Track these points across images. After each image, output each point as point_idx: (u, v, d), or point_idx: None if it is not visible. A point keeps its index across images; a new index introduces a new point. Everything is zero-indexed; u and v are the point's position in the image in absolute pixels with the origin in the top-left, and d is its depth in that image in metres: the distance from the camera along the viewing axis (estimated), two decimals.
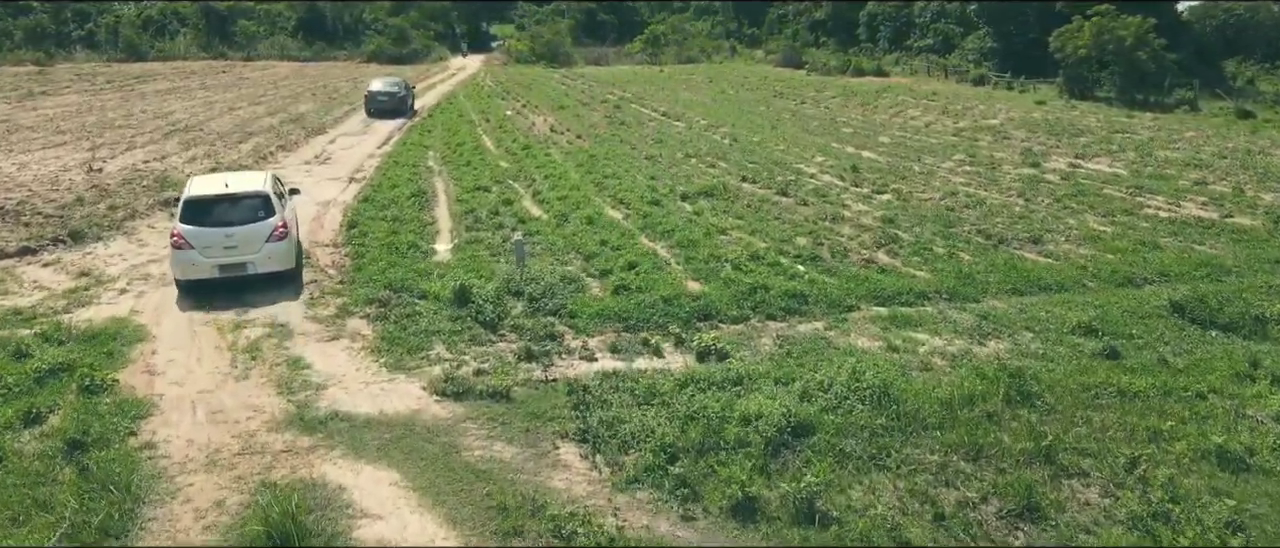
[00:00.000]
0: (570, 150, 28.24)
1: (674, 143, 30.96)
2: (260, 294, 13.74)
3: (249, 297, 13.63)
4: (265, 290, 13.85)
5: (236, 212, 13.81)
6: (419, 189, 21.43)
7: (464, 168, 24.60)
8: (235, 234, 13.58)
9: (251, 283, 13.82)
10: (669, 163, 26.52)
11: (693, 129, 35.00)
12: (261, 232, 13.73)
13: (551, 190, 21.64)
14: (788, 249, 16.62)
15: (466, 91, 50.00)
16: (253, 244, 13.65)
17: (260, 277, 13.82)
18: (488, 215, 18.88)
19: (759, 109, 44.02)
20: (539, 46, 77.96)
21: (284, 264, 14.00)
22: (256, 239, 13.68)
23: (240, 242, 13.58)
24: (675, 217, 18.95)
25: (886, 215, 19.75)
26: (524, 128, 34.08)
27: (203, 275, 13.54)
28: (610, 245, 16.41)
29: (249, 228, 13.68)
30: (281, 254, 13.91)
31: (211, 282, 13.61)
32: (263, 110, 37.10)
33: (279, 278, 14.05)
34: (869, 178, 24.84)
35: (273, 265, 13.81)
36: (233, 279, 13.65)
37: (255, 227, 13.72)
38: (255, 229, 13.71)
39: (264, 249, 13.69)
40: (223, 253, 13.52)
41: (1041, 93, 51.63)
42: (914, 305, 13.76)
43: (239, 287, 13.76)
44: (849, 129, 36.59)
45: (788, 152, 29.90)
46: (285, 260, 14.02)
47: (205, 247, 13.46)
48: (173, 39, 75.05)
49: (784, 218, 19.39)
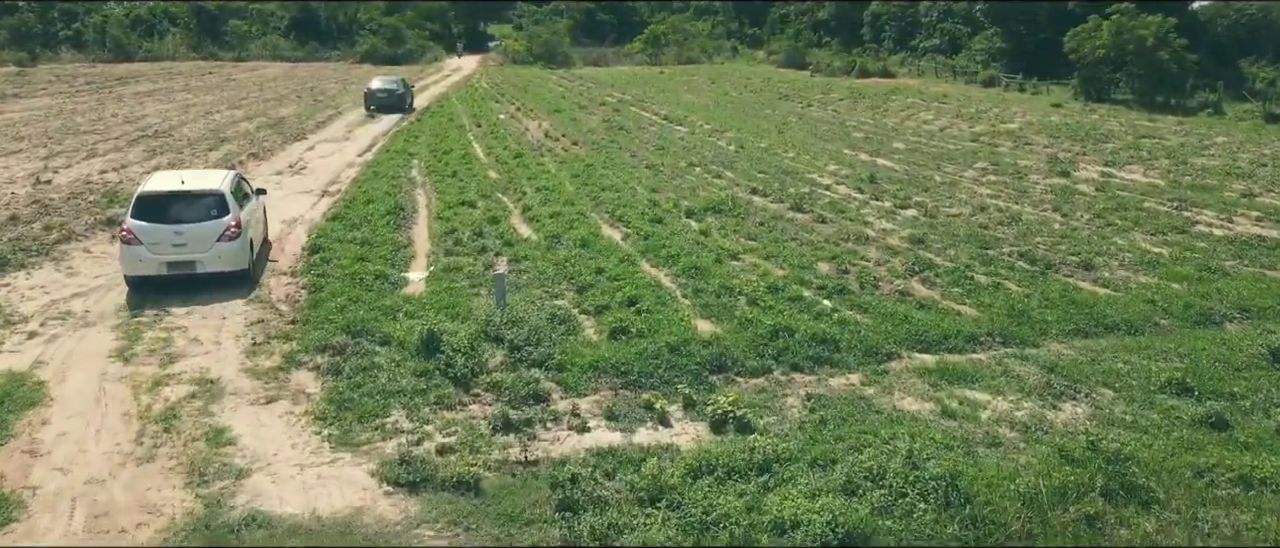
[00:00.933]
0: (565, 158, 26.08)
1: (676, 150, 28.81)
2: (193, 345, 11.59)
3: (179, 346, 11.47)
4: (196, 344, 11.70)
5: (189, 209, 13.54)
6: (396, 205, 19.25)
7: (449, 179, 22.43)
8: (185, 232, 13.30)
9: (201, 282, 13.45)
10: (672, 173, 24.36)
11: (696, 134, 32.85)
12: (212, 230, 13.42)
13: (543, 206, 19.48)
14: (809, 278, 14.46)
15: (460, 94, 47.81)
16: (202, 243, 13.37)
17: (209, 276, 13.48)
18: (470, 237, 16.70)
19: (764, 112, 41.86)
20: (536, 47, 75.78)
21: (234, 264, 13.66)
22: (207, 238, 13.39)
23: (190, 239, 13.32)
24: (680, 238, 16.79)
25: (915, 235, 17.60)
26: (517, 133, 31.91)
27: (149, 272, 13.30)
28: (607, 274, 14.25)
29: (199, 226, 13.38)
30: (232, 254, 13.57)
31: (159, 279, 13.35)
32: (241, 114, 34.89)
33: (230, 279, 13.64)
34: (889, 189, 22.70)
35: (222, 265, 13.51)
36: (181, 277, 13.38)
37: (206, 225, 13.41)
38: (206, 227, 13.40)
39: (214, 248, 13.41)
40: (171, 250, 13.27)
41: (1055, 94, 49.47)
42: (964, 352, 11.61)
43: (189, 288, 13.40)
44: (860, 134, 34.45)
45: (798, 159, 27.75)
46: (236, 260, 13.68)
47: (153, 243, 13.20)
48: (161, 39, 72.84)
49: (801, 238, 17.24)
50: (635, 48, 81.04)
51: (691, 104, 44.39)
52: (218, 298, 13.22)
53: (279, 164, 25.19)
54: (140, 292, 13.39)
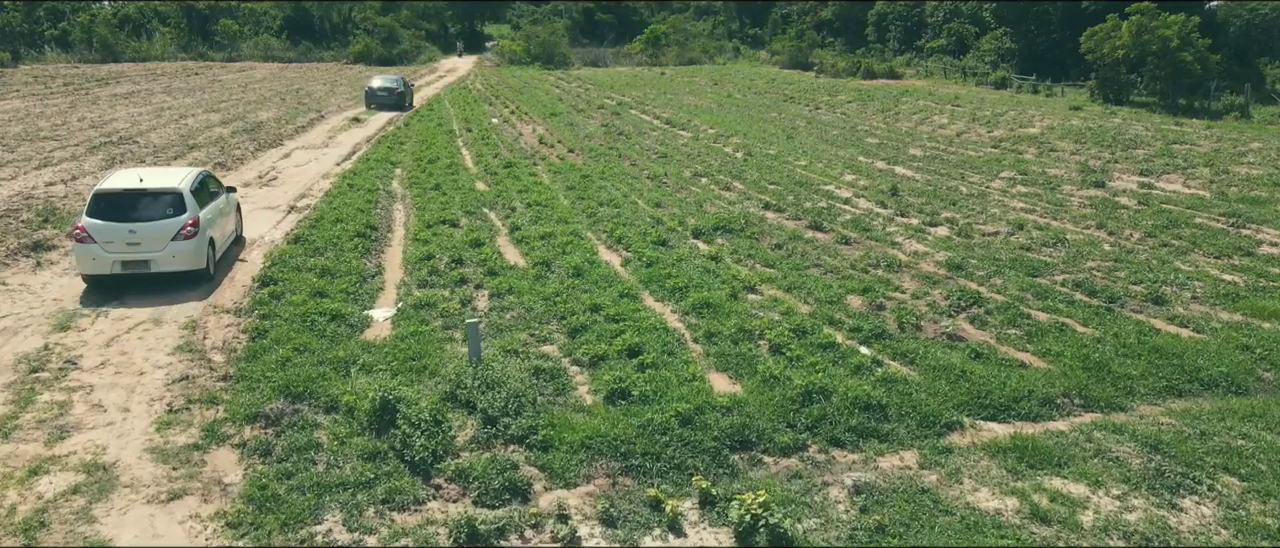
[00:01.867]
0: (560, 168, 23.90)
1: (680, 157, 26.64)
2: (94, 413, 9.40)
3: (76, 413, 9.27)
4: (97, 417, 9.51)
5: (145, 208, 13.28)
6: (369, 224, 17.05)
7: (432, 193, 20.24)
8: (139, 230, 13.04)
9: (157, 281, 13.22)
10: (676, 184, 22.18)
11: (700, 140, 30.67)
12: (167, 229, 13.14)
13: (534, 225, 17.31)
14: (839, 316, 12.30)
15: (452, 96, 45.58)
16: (157, 241, 13.09)
17: (164, 275, 13.19)
18: (448, 264, 14.49)
19: (770, 115, 39.68)
20: (534, 47, 73.56)
21: (191, 264, 13.37)
22: (162, 236, 13.10)
23: (144, 238, 13.05)
24: (688, 265, 14.62)
25: (951, 259, 15.44)
26: (510, 139, 29.71)
27: (103, 271, 13.05)
28: (605, 313, 12.07)
29: (155, 225, 13.12)
30: (188, 253, 13.26)
31: (114, 279, 13.09)
32: (217, 118, 32.61)
33: (186, 278, 13.41)
34: (914, 203, 20.55)
35: (177, 265, 13.23)
36: (135, 276, 13.12)
37: (161, 224, 13.14)
38: (161, 226, 13.12)
39: (169, 248, 13.12)
40: (125, 249, 13.02)
41: (1071, 97, 47.31)
42: (1040, 419, 9.44)
43: (146, 285, 13.18)
44: (874, 139, 32.29)
45: (810, 168, 25.59)
46: (193, 260, 13.36)
47: (107, 241, 12.94)
48: (150, 39, 70.59)
49: (825, 264, 15.07)
50: (635, 48, 78.86)
51: (694, 107, 42.21)
52: (171, 299, 12.84)
53: (248, 174, 22.97)
54: (96, 290, 13.18)
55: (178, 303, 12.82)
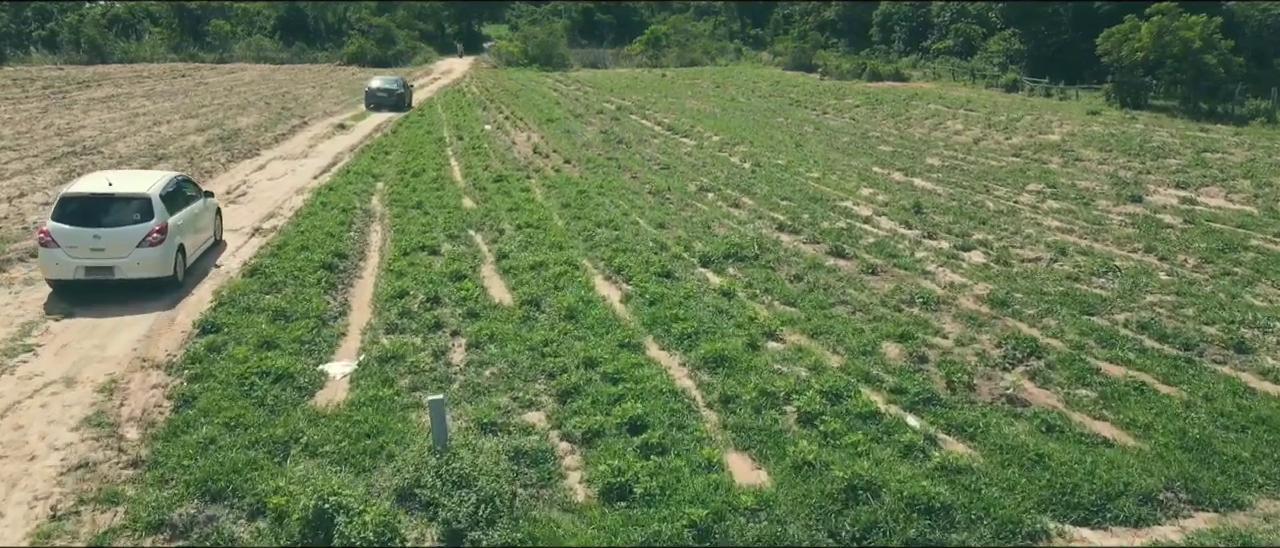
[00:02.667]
0: (555, 182, 21.96)
1: (684, 169, 24.73)
2: None
3: None
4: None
5: (111, 213, 12.90)
6: (339, 251, 15.09)
7: (413, 212, 18.31)
8: (103, 235, 12.68)
9: (122, 288, 12.78)
10: (680, 200, 20.26)
11: (704, 148, 28.75)
12: (133, 235, 12.74)
13: (524, 251, 15.39)
14: (877, 371, 10.40)
15: (446, 100, 43.61)
16: (122, 247, 12.71)
17: (129, 282, 12.76)
18: (424, 303, 12.55)
19: (776, 121, 37.76)
20: (532, 48, 71.59)
21: (156, 271, 12.94)
22: (127, 242, 12.71)
23: (108, 244, 12.68)
24: (697, 303, 12.70)
25: (994, 293, 13.53)
26: (502, 148, 27.76)
27: (67, 276, 12.73)
28: (602, 369, 10.15)
29: (120, 230, 12.74)
30: (153, 260, 12.85)
31: (79, 284, 12.74)
32: (194, 125, 30.63)
33: (152, 286, 12.96)
34: (940, 222, 18.66)
35: (142, 272, 12.81)
36: (100, 282, 12.73)
37: (126, 229, 12.75)
38: (126, 232, 12.74)
39: (134, 254, 12.72)
40: (89, 254, 12.67)
41: (1086, 100, 45.41)
42: (1143, 523, 7.52)
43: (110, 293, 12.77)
44: (887, 147, 30.39)
45: (824, 180, 23.69)
46: (158, 267, 12.94)
47: (71, 246, 12.62)
48: (139, 40, 68.60)
49: (852, 300, 13.16)
50: (635, 49, 76.93)
51: (697, 111, 40.29)
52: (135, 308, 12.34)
53: (217, 189, 20.94)
54: (62, 295, 12.85)
55: (138, 313, 12.18)
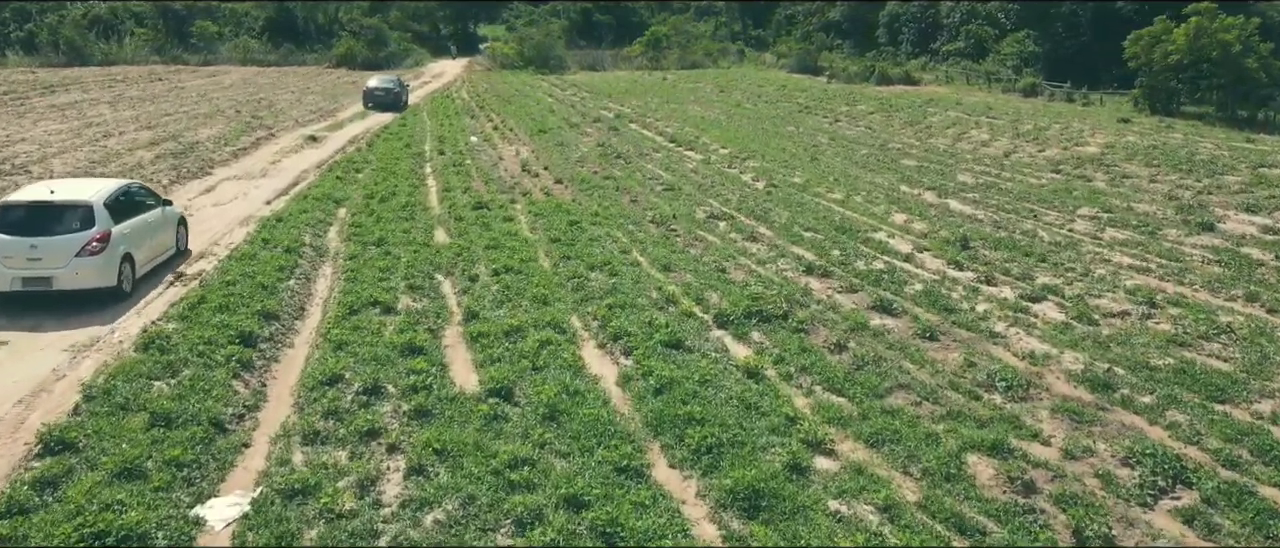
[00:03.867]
0: (544, 209, 18.89)
1: (690, 189, 21.70)
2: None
3: None
4: None
5: (50, 222, 12.31)
6: (269, 310, 11.98)
7: (373, 251, 15.26)
8: (40, 245, 12.06)
9: (61, 300, 12.14)
10: (688, 233, 17.23)
11: (711, 164, 25.72)
12: (70, 244, 12.12)
13: (499, 307, 12.35)
14: (971, 514, 7.38)
15: (432, 106, 40.51)
16: (59, 257, 12.07)
17: (67, 294, 12.10)
18: (360, 394, 9.47)
19: (787, 129, 34.72)
20: (528, 50, 68.45)
21: (97, 282, 12.27)
22: (64, 252, 12.08)
23: (45, 253, 12.06)
24: (717, 391, 9.66)
25: (1090, 371, 10.55)
26: (487, 165, 24.70)
27: (3, 287, 12.04)
28: (589, 517, 7.10)
29: (57, 239, 12.13)
30: (93, 270, 12.20)
31: (15, 295, 12.08)
32: (148, 136, 27.48)
33: (94, 297, 12.25)
34: (994, 261, 15.68)
35: (81, 283, 12.16)
36: (38, 294, 12.07)
37: (64, 238, 12.14)
38: (64, 241, 12.12)
39: (72, 263, 12.09)
40: (26, 264, 12.04)
41: (1112, 106, 42.39)
42: None
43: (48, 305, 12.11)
44: (911, 161, 27.38)
45: (848, 202, 20.68)
46: (98, 277, 12.29)
47: (7, 257, 12.01)
48: (121, 42, 65.49)
49: (913, 383, 10.14)
50: (635, 51, 73.84)
51: (701, 119, 37.24)
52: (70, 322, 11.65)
53: None
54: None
55: (72, 328, 11.36)
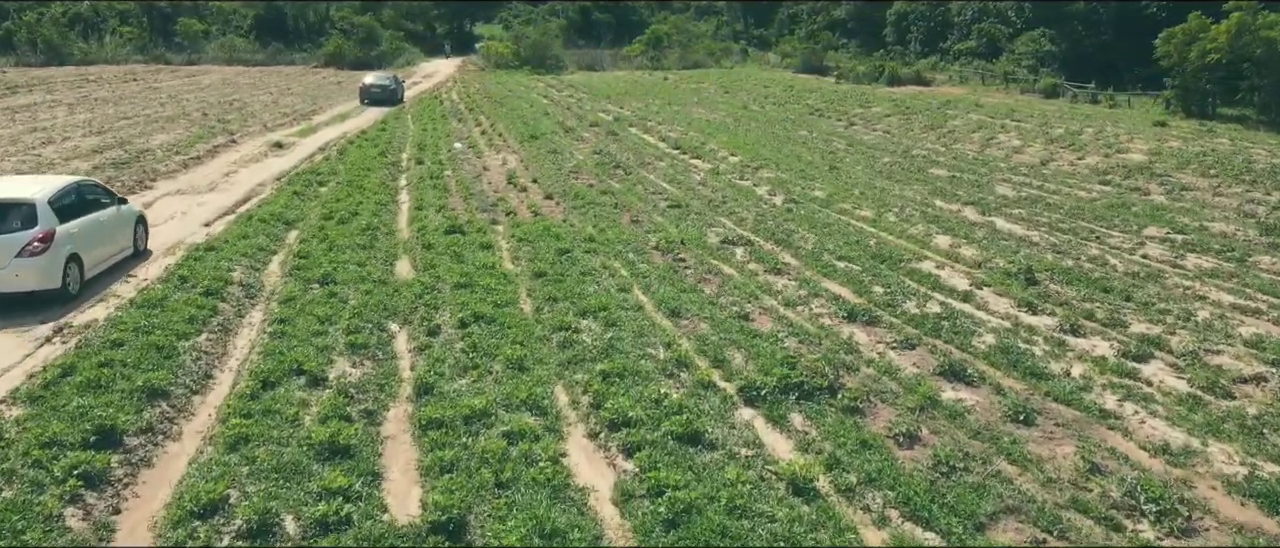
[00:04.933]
0: (530, 233, 15.96)
1: (700, 206, 18.78)
2: None
3: None
4: None
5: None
6: (156, 387, 8.99)
7: (316, 291, 12.32)
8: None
9: None
10: (699, 263, 14.30)
11: (722, 175, 22.80)
12: (11, 244, 11.38)
13: (463, 374, 9.45)
14: None
15: (418, 109, 37.58)
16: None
17: (6, 296, 11.37)
18: (242, 536, 6.63)
19: (799, 134, 31.82)
20: (524, 49, 65.50)
21: (39, 283, 11.52)
22: (4, 252, 11.34)
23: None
24: (753, 516, 6.77)
25: (1257, 481, 7.68)
26: (470, 176, 21.76)
27: None
28: None
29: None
30: (35, 271, 11.46)
31: None
32: (93, 143, 24.53)
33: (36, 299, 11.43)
34: (1070, 299, 12.83)
35: (21, 284, 11.44)
36: None
37: (4, 238, 11.35)
38: (3, 240, 11.34)
39: (12, 264, 11.38)
40: None
41: (1141, 108, 39.55)
42: None
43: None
44: (940, 170, 24.51)
45: (881, 221, 17.82)
46: (41, 279, 11.53)
47: None
48: (101, 41, 62.55)
49: (1022, 502, 7.26)
50: (635, 50, 70.92)
51: (706, 123, 34.32)
52: None
53: None
54: None
55: None
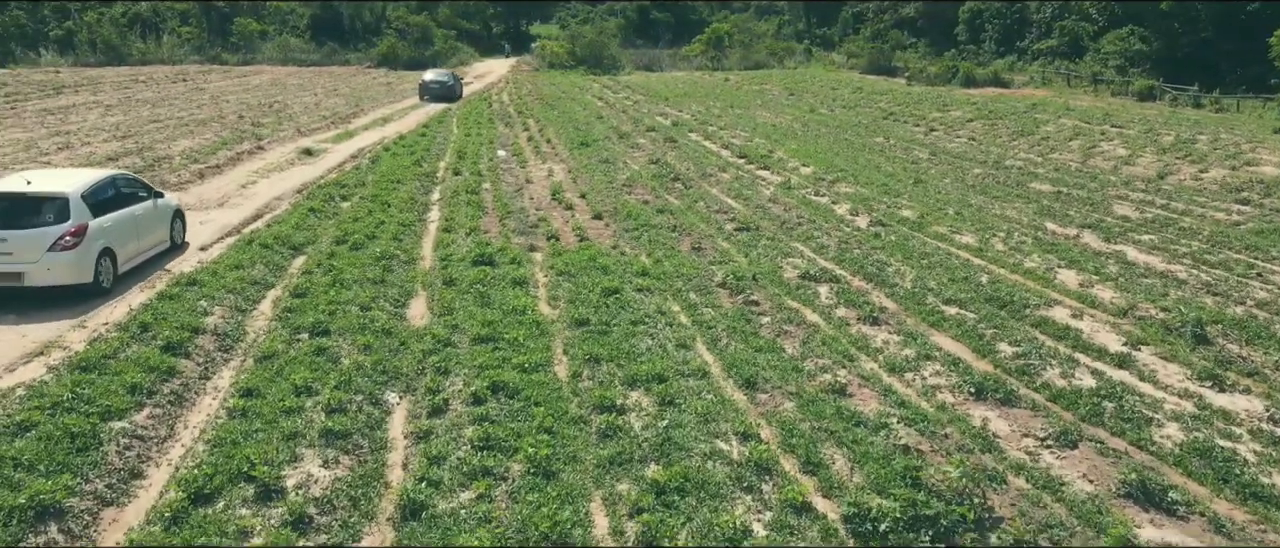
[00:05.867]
0: (573, 264, 13.33)
1: (771, 230, 15.99)
2: None
3: None
4: None
5: (23, 214, 11.27)
6: (39, 507, 6.65)
7: (304, 343, 9.87)
8: (11, 238, 11.04)
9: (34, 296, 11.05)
10: (776, 308, 11.52)
11: (794, 190, 19.95)
12: (42, 238, 11.08)
13: (466, 487, 6.87)
14: None
15: (465, 111, 35.33)
16: (30, 251, 11.05)
17: (39, 290, 11.07)
18: None
19: (875, 142, 28.77)
20: (580, 49, 63.15)
21: (71, 278, 11.23)
22: (36, 246, 11.06)
23: (16, 247, 11.04)
24: None
25: None
26: (511, 189, 19.26)
27: None
28: None
29: (27, 233, 11.11)
30: (66, 266, 11.17)
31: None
32: (112, 149, 22.36)
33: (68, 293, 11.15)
34: (1259, 364, 9.85)
35: (53, 278, 11.15)
36: (9, 289, 11.07)
37: (36, 232, 11.12)
38: (34, 235, 11.11)
39: (44, 259, 11.06)
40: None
41: (1252, 113, 35.54)
42: None
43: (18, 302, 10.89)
44: (1043, 185, 21.36)
45: (987, 250, 14.85)
46: (72, 273, 11.23)
47: None
48: (159, 40, 61.90)
49: None
50: (694, 50, 68.10)
51: (772, 128, 31.43)
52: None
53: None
54: None
55: None
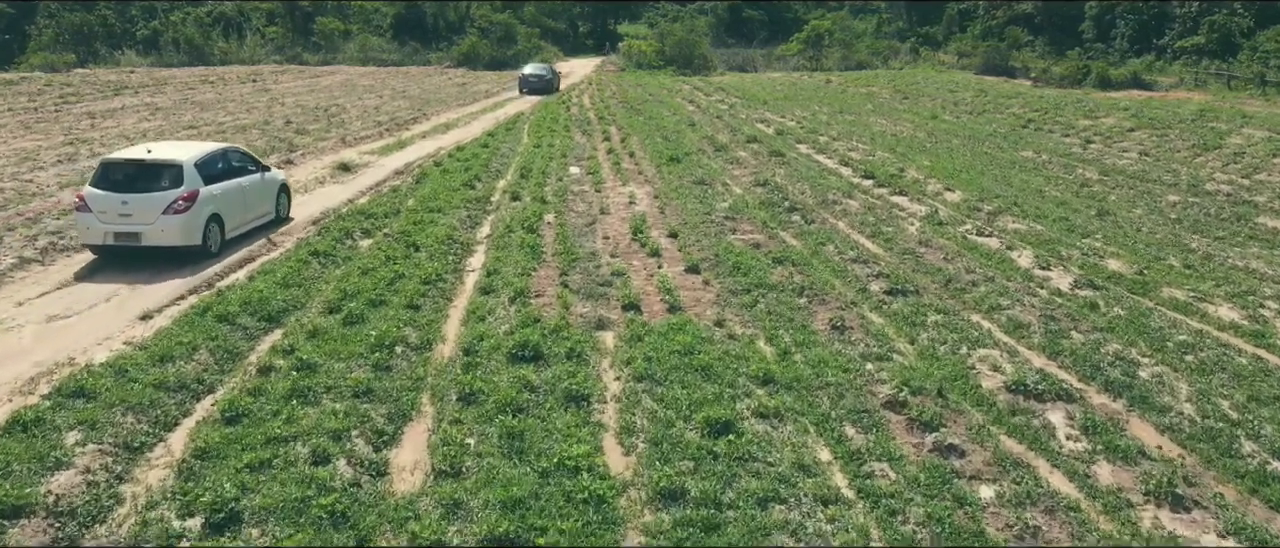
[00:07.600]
0: (656, 355, 8.90)
1: (934, 293, 11.24)
2: None
3: None
4: None
5: (142, 180, 12.03)
6: None
7: (275, 491, 5.83)
8: (131, 201, 11.82)
9: (149, 255, 11.88)
10: (989, 461, 6.91)
11: (945, 227, 15.08)
12: (159, 201, 11.85)
13: None
14: None
15: (540, 116, 31.26)
16: (148, 214, 11.85)
17: (153, 249, 11.88)
18: None
19: (1023, 155, 23.58)
20: (669, 48, 58.79)
21: (181, 240, 11.97)
22: (152, 209, 11.84)
23: (135, 210, 11.83)
24: None
25: None
26: (582, 222, 14.93)
27: (97, 241, 12.03)
28: None
29: (147, 196, 11.86)
30: (178, 228, 11.90)
31: (108, 248, 12.06)
32: None
33: (179, 254, 11.94)
34: None
35: (166, 239, 11.91)
36: (128, 248, 11.90)
37: (153, 196, 11.87)
38: (153, 198, 11.86)
39: (159, 221, 11.83)
40: (118, 220, 11.86)
41: None
42: None
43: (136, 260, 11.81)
44: (1273, 219, 16.06)
45: (1266, 331, 9.86)
46: (183, 236, 11.97)
47: (102, 211, 11.85)
48: (242, 40, 60.12)
49: None
50: (791, 49, 62.98)
51: (894, 139, 26.46)
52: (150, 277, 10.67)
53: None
54: (98, 258, 12.21)
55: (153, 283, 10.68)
